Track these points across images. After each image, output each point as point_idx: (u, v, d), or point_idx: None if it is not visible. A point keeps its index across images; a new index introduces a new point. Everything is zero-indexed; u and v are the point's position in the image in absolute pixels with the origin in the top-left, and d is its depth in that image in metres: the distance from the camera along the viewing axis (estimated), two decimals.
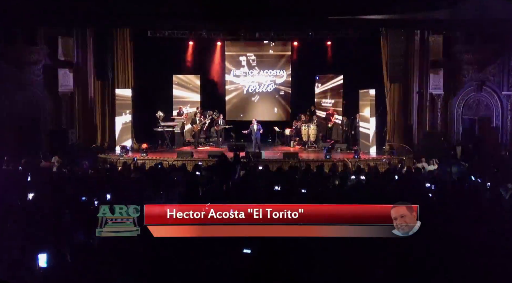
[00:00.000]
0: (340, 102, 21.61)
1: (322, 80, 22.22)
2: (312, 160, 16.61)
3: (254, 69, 22.40)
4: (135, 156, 16.89)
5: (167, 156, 17.06)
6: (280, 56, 22.30)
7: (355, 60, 20.02)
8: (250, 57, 22.33)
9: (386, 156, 17.75)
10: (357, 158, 16.75)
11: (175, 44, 20.96)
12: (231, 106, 22.49)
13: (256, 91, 22.49)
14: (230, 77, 22.48)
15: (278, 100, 22.49)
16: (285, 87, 22.42)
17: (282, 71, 22.33)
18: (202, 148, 19.75)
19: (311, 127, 19.61)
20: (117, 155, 17.59)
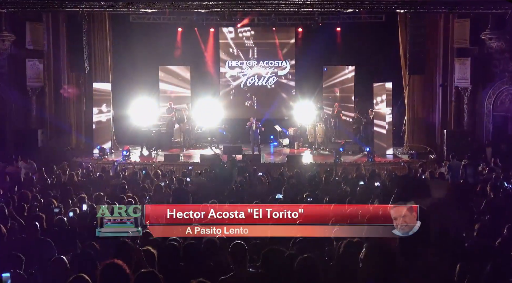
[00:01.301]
0: (351, 97, 21.52)
1: (331, 72, 22.13)
2: (320, 164, 16.50)
3: (252, 59, 22.26)
4: (115, 159, 16.76)
5: (152, 160, 16.94)
6: (282, 44, 22.16)
7: (368, 49, 19.94)
8: (248, 45, 22.21)
9: (405, 158, 17.65)
10: (371, 161, 16.67)
11: (161, 31, 20.83)
12: (226, 102, 22.37)
13: (255, 85, 22.37)
14: (225, 69, 22.34)
15: (280, 95, 22.38)
16: (288, 80, 22.30)
17: (285, 62, 22.21)
18: (192, 150, 19.63)
19: (318, 126, 19.48)
20: (94, 158, 17.45)
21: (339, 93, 21.89)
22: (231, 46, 22.27)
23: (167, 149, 19.56)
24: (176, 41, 21.43)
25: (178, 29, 21.21)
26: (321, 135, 19.54)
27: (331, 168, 14.75)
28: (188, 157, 17.94)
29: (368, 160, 16.85)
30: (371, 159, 16.82)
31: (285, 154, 18.26)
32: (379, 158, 17.56)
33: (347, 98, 21.65)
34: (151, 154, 18.53)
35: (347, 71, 21.61)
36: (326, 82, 22.19)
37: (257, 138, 18.36)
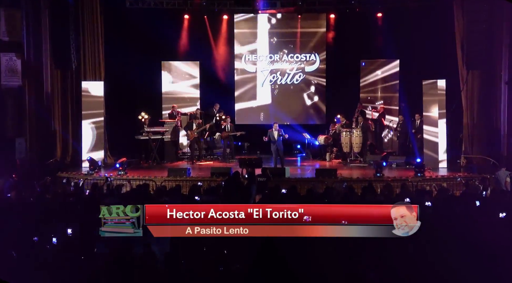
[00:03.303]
0: (395, 98, 21.43)
1: (370, 68, 22.11)
2: (357, 179, 16.44)
3: (274, 53, 22.35)
4: (110, 174, 16.83)
5: (154, 174, 16.97)
6: (311, 34, 22.22)
7: (416, 39, 19.82)
8: (270, 36, 22.29)
9: (462, 173, 17.51)
10: (421, 176, 16.54)
11: (164, 18, 20.97)
12: (242, 104, 22.43)
13: (278, 83, 22.43)
14: (241, 64, 22.44)
15: (308, 95, 22.40)
16: (318, 77, 22.33)
17: (314, 56, 22.25)
18: (203, 163, 19.68)
19: (355, 133, 19.41)
20: (84, 173, 17.53)
21: (381, 93, 21.82)
22: (248, 37, 22.35)
23: (172, 161, 19.63)
24: (182, 30, 21.58)
25: (185, 17, 21.37)
26: (359, 145, 19.45)
27: (370, 184, 14.67)
28: (197, 170, 17.95)
29: (416, 174, 16.71)
30: (420, 174, 16.67)
31: (315, 167, 18.20)
32: (430, 172, 17.42)
33: (391, 99, 21.59)
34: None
35: (391, 66, 21.61)
36: (364, 80, 22.19)
37: (281, 148, 18.30)
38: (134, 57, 20.55)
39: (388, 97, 21.67)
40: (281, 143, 18.22)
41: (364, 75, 22.18)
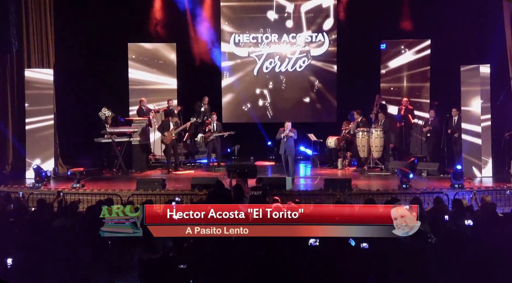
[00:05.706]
0: (425, 88, 21.50)
1: (394, 50, 22.19)
2: (377, 192, 16.44)
3: (271, 33, 22.41)
4: (62, 187, 16.81)
5: (119, 187, 16.96)
6: (317, 9, 22.28)
7: (451, 16, 19.85)
8: (265, 11, 22.34)
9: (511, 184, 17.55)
10: (458, 188, 16.57)
11: None
12: (231, 97, 22.47)
13: (276, 70, 22.49)
14: (230, 47, 22.48)
15: (315, 86, 22.47)
16: (327, 63, 22.39)
17: (322, 36, 22.31)
18: (181, 172, 19.69)
19: (374, 134, 19.39)
20: (28, 185, 17.50)
21: (407, 83, 21.85)
22: (238, 12, 22.40)
23: (142, 169, 19.65)
24: (154, 5, 21.64)
25: None
26: (379, 148, 19.44)
27: (394, 198, 14.69)
28: (174, 181, 17.94)
29: (452, 185, 16.75)
30: (457, 184, 16.72)
31: (322, 177, 18.19)
32: (470, 183, 17.46)
33: (420, 90, 21.64)
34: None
35: (419, 48, 21.69)
36: (385, 66, 22.23)
37: (293, 151, 18.08)
38: (93, 39, 20.62)
39: (417, 88, 21.72)
40: (292, 146, 18.06)
41: (386, 60, 22.25)
